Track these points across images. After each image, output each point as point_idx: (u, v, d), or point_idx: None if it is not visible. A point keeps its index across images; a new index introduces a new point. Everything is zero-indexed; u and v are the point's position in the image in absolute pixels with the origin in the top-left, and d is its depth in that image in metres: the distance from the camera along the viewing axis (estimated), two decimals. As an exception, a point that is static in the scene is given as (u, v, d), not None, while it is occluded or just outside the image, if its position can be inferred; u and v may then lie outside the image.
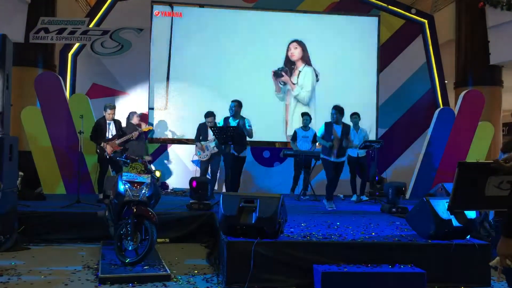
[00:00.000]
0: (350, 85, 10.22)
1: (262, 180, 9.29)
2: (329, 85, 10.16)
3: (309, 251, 4.70)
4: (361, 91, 10.26)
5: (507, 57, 10.59)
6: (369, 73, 10.34)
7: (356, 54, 10.29)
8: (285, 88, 10.11)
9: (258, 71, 10.02)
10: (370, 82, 10.34)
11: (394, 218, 6.54)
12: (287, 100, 10.12)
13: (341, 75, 10.23)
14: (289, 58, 10.12)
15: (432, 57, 10.45)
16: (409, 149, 10.30)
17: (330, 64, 10.20)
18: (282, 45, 10.13)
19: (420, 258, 4.70)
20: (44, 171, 8.66)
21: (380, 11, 10.40)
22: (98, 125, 7.67)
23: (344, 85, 10.20)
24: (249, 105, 8.81)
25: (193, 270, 5.11)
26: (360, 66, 10.31)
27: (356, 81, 10.27)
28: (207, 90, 9.84)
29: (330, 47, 10.20)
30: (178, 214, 6.59)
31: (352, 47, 10.29)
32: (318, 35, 10.16)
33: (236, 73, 9.95)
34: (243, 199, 4.83)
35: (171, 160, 9.75)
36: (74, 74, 9.58)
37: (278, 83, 10.07)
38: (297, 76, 10.15)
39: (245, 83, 9.92)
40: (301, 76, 10.14)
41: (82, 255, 5.63)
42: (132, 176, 5.19)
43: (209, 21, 9.92)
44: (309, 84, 10.16)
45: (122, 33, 9.52)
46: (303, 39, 10.14)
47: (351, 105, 8.78)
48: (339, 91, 10.12)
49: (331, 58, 10.20)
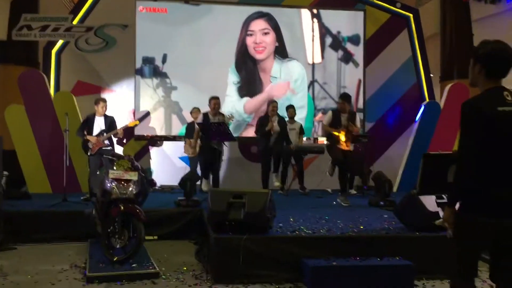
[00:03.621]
0: (338, 79, 10.24)
1: (251, 175, 9.27)
2: (318, 79, 10.17)
3: (298, 245, 4.71)
4: (348, 85, 10.28)
5: (491, 50, 10.71)
6: (356, 67, 10.37)
7: (342, 48, 10.30)
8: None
9: (246, 65, 9.98)
10: (357, 76, 10.36)
11: (382, 212, 6.58)
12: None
13: (328, 69, 10.24)
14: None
15: (418, 50, 10.51)
16: (396, 142, 10.36)
17: (317, 58, 10.19)
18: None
19: (408, 251, 4.73)
20: (29, 170, 8.55)
21: (366, 5, 10.42)
22: (86, 120, 7.55)
23: (331, 79, 10.22)
24: (236, 101, 8.84)
25: (182, 267, 5.09)
26: (346, 60, 10.32)
27: (343, 75, 10.29)
28: (193, 86, 9.79)
29: (316, 41, 10.19)
30: (166, 211, 6.56)
31: (339, 41, 10.30)
32: (305, 29, 10.14)
33: (223, 68, 9.91)
34: (231, 195, 4.82)
35: (158, 157, 9.69)
36: (58, 72, 9.46)
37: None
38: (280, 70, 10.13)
39: (233, 79, 9.90)
40: (287, 70, 10.12)
41: (69, 254, 5.58)
42: (119, 173, 5.14)
43: (195, 17, 9.85)
44: (297, 77, 10.15)
45: (107, 29, 9.40)
46: (290, 32, 10.13)
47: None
48: (326, 85, 10.14)
49: (317, 53, 10.20)
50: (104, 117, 7.49)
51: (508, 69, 2.72)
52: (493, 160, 2.60)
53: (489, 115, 2.59)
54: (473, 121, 2.64)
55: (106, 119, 7.49)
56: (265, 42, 10.02)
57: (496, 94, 2.67)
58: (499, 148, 2.60)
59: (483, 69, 2.72)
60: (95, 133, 7.40)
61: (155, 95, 9.72)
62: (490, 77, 2.72)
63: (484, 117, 2.60)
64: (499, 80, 2.73)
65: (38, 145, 8.58)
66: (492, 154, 2.60)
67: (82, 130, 7.41)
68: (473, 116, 2.64)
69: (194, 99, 9.50)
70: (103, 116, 7.47)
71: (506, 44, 2.72)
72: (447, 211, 2.73)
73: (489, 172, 2.60)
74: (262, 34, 10.02)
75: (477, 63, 2.75)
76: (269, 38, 10.05)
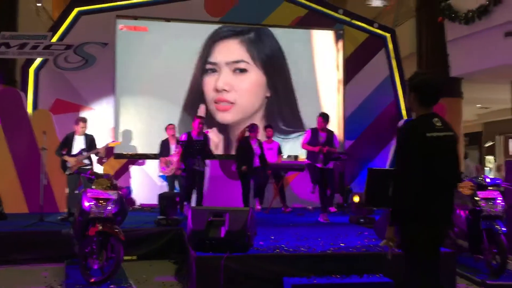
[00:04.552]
0: (317, 98, 10.36)
1: (231, 194, 9.23)
2: (298, 97, 10.26)
3: (279, 263, 4.70)
4: (327, 104, 10.39)
5: (466, 69, 10.97)
6: (334, 86, 10.50)
7: (322, 67, 10.44)
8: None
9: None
10: (336, 95, 10.49)
11: (362, 229, 6.61)
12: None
13: (308, 88, 10.35)
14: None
15: (395, 69, 10.71)
16: (375, 159, 10.46)
17: (298, 77, 10.30)
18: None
19: (388, 268, 4.75)
20: (5, 189, 8.36)
21: (344, 25, 10.61)
22: (66, 139, 7.47)
23: (312, 98, 10.32)
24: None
25: (161, 287, 5.02)
26: (325, 80, 10.45)
27: (322, 94, 10.42)
28: (173, 105, 9.78)
29: (297, 61, 10.31)
30: (146, 231, 6.47)
31: (317, 60, 10.43)
32: (285, 49, 10.25)
33: (203, 87, 9.93)
34: (211, 213, 4.79)
35: (138, 175, 9.60)
36: (37, 90, 9.32)
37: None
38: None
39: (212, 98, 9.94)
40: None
41: (45, 275, 5.45)
42: (97, 192, 5.07)
43: (175, 35, 9.88)
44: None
45: (86, 47, 9.36)
46: (270, 53, 10.24)
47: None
48: (306, 104, 10.24)
49: (297, 72, 10.31)
50: (84, 136, 7.44)
51: (437, 97, 3.04)
52: (426, 178, 2.88)
53: (420, 139, 2.88)
54: (406, 144, 2.92)
55: (86, 137, 7.45)
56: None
57: (427, 120, 2.97)
58: (430, 167, 2.88)
59: (417, 97, 3.02)
60: (75, 152, 7.33)
61: (135, 112, 9.67)
62: (422, 104, 3.01)
63: (415, 140, 2.90)
64: (430, 107, 3.03)
65: (15, 164, 8.43)
66: (426, 173, 2.88)
67: (61, 149, 7.34)
68: (406, 140, 2.93)
69: (175, 116, 9.49)
70: (83, 135, 7.42)
71: (434, 75, 3.10)
72: (390, 230, 3.01)
73: (425, 188, 2.88)
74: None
75: (412, 92, 3.05)
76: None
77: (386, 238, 3.01)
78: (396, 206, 2.94)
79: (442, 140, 2.93)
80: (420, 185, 2.86)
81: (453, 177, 3.05)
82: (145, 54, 9.73)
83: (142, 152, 9.59)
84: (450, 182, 3.03)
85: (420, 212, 2.89)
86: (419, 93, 3.01)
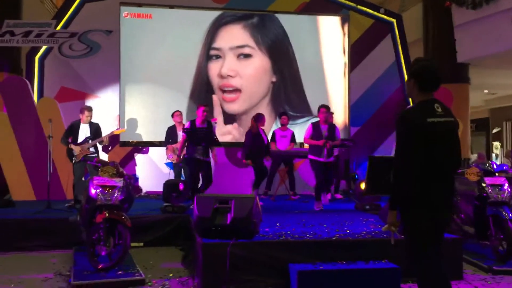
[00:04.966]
0: (323, 85, 10.30)
1: (237, 181, 9.25)
2: (303, 85, 10.21)
3: (284, 250, 4.71)
4: (333, 90, 10.34)
5: (473, 54, 10.87)
6: (340, 72, 10.44)
7: (328, 53, 10.37)
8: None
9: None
10: (342, 81, 10.44)
11: (367, 215, 6.61)
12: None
13: (315, 73, 10.28)
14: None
15: (401, 55, 10.61)
16: (381, 146, 10.42)
17: (304, 62, 10.23)
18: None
19: (394, 254, 4.75)
20: (12, 177, 8.45)
21: (350, 11, 10.51)
22: (71, 127, 7.49)
23: (318, 82, 10.27)
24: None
25: (168, 273, 5.06)
26: (331, 66, 10.39)
27: (328, 80, 10.36)
28: (178, 92, 9.76)
29: (302, 45, 10.23)
30: (152, 218, 6.51)
31: (323, 46, 10.36)
32: (290, 34, 10.18)
33: (208, 74, 9.90)
34: (217, 200, 4.80)
35: (144, 163, 9.63)
36: (42, 78, 9.35)
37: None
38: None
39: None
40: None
41: (53, 262, 5.51)
42: (104, 179, 5.10)
43: (179, 22, 9.83)
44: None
45: (91, 35, 9.34)
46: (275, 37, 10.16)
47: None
48: (311, 91, 10.20)
49: (303, 58, 10.24)
50: (89, 124, 7.45)
51: (437, 83, 3.05)
52: (426, 164, 2.88)
53: (419, 125, 2.88)
54: (405, 131, 2.90)
55: (91, 126, 7.47)
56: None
57: (427, 106, 2.98)
58: (430, 154, 2.88)
59: (416, 84, 3.03)
60: (80, 140, 7.35)
61: (140, 100, 9.67)
62: (422, 90, 3.03)
63: (415, 127, 2.88)
64: (431, 93, 3.04)
65: (22, 152, 8.48)
66: (425, 159, 2.88)
67: (66, 138, 7.36)
68: (405, 127, 2.91)
69: (181, 104, 9.47)
70: (88, 123, 7.44)
71: (434, 62, 3.13)
72: (391, 215, 3.00)
73: (424, 175, 2.89)
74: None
75: (411, 78, 3.06)
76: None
77: (388, 223, 3.02)
78: (396, 192, 2.95)
79: (443, 125, 2.93)
80: (419, 171, 2.87)
81: (453, 163, 3.04)
82: (150, 41, 9.70)
83: (148, 140, 9.61)
84: (450, 168, 3.02)
85: (420, 198, 2.90)
86: (419, 79, 3.01)
